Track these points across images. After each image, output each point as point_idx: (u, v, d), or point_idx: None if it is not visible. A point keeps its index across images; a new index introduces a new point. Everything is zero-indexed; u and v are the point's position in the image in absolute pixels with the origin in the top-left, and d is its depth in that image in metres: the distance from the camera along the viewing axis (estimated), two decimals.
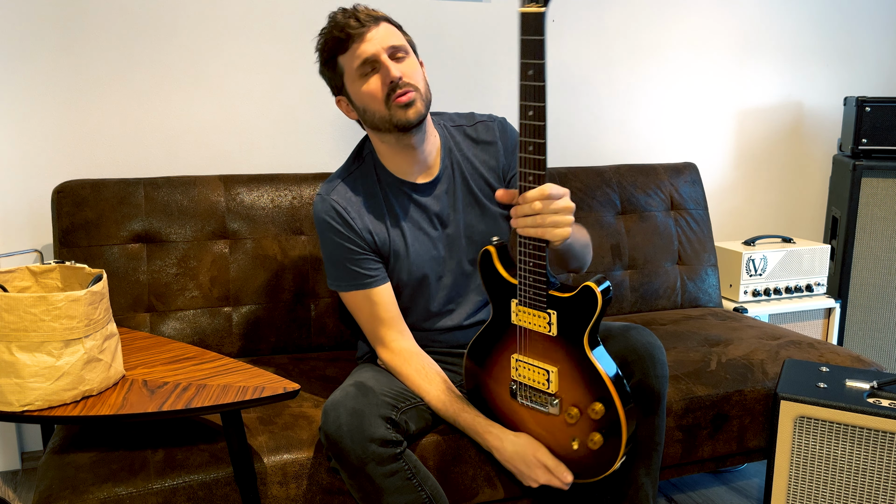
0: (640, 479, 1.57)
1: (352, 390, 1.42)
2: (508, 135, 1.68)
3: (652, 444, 1.57)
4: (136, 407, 1.27)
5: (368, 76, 1.50)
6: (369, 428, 1.36)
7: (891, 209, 2.61)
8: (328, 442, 1.37)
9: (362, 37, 1.48)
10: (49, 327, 1.23)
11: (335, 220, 1.55)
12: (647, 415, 1.54)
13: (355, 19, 1.49)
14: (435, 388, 1.53)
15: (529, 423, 1.49)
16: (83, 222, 1.85)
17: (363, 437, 1.35)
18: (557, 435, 1.46)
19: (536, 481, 1.48)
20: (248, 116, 2.19)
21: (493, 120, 1.68)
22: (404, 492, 1.39)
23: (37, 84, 1.99)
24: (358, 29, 1.49)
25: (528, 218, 1.33)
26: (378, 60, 1.48)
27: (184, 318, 1.90)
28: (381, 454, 1.36)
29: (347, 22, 1.49)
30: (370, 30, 1.49)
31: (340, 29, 1.49)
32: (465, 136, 1.66)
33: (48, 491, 1.32)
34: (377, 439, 1.35)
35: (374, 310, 1.58)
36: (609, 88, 2.59)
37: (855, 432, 1.59)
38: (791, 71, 2.84)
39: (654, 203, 2.40)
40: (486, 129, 1.66)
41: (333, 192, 1.58)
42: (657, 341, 1.55)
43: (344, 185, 1.59)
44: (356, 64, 1.50)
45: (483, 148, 1.65)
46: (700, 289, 2.41)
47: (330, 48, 1.53)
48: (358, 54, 1.49)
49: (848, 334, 2.68)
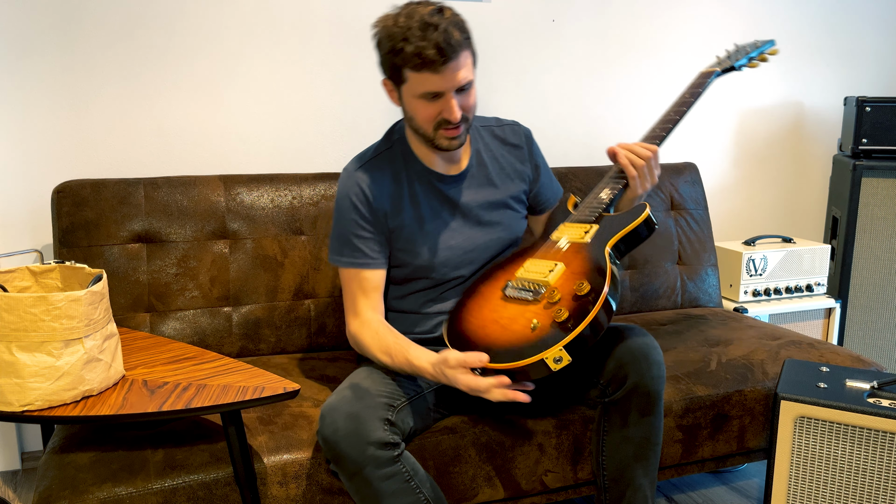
0: (638, 481, 1.57)
1: (348, 393, 1.42)
2: (533, 145, 1.75)
3: (649, 444, 1.56)
4: (136, 407, 1.27)
5: (429, 101, 1.49)
6: (367, 431, 1.35)
7: (891, 209, 2.61)
8: (326, 446, 1.37)
9: (440, 71, 1.44)
10: (49, 327, 1.23)
11: (357, 198, 1.58)
12: (645, 415, 1.53)
13: (439, 50, 1.41)
14: (382, 345, 1.53)
15: (491, 326, 1.44)
16: (83, 222, 1.85)
17: (360, 440, 1.35)
18: (520, 323, 1.41)
19: (467, 385, 1.37)
20: (249, 116, 2.19)
21: (519, 126, 1.75)
22: (403, 494, 1.39)
23: (37, 84, 1.99)
24: (438, 63, 1.43)
25: (639, 159, 1.57)
26: (443, 96, 1.48)
27: (184, 318, 1.90)
28: (380, 457, 1.36)
29: (432, 48, 1.41)
30: (450, 66, 1.44)
31: (419, 53, 1.42)
32: (494, 136, 1.72)
33: (48, 491, 1.32)
34: (375, 442, 1.35)
35: (362, 285, 1.60)
36: (609, 88, 2.59)
37: (855, 432, 1.59)
38: (791, 71, 2.84)
39: (654, 203, 2.40)
40: (514, 132, 1.73)
41: (360, 170, 1.61)
42: (653, 341, 1.54)
43: (371, 165, 1.62)
44: (422, 90, 1.48)
45: (510, 150, 1.72)
46: (700, 289, 2.41)
47: (402, 57, 1.45)
48: (428, 85, 1.46)
49: (848, 334, 2.68)
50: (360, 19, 2.25)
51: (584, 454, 1.68)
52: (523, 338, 1.38)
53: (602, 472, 1.60)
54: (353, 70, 2.27)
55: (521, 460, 1.63)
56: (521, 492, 1.65)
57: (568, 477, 1.69)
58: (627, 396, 1.52)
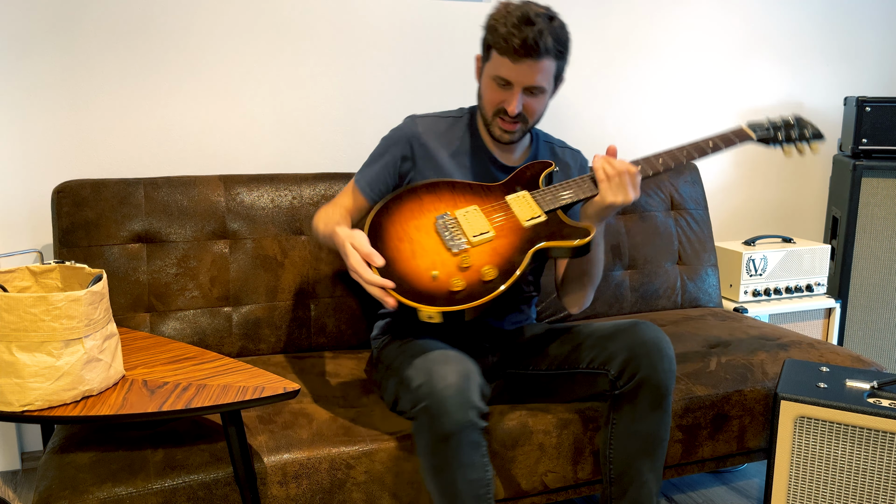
0: (644, 475, 1.58)
1: (453, 354, 1.43)
2: (585, 173, 1.78)
3: (657, 439, 1.57)
4: (136, 407, 1.27)
5: (499, 85, 1.57)
6: (472, 394, 1.37)
7: (891, 209, 2.61)
8: (431, 400, 1.36)
9: (517, 62, 1.52)
10: (49, 327, 1.23)
11: (412, 137, 1.68)
12: (654, 409, 1.54)
13: (524, 43, 1.50)
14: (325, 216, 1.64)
15: (405, 244, 1.53)
16: (83, 222, 1.85)
17: (466, 401, 1.36)
18: (426, 263, 1.50)
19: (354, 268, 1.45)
20: (249, 116, 2.19)
21: (580, 154, 1.82)
22: (478, 469, 1.41)
23: (37, 84, 1.99)
24: (519, 55, 1.51)
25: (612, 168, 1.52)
26: (511, 88, 1.56)
27: (184, 318, 1.90)
28: (475, 424, 1.38)
29: (519, 39, 1.50)
30: (528, 63, 1.52)
31: (506, 38, 1.51)
32: (553, 152, 1.78)
33: (48, 491, 1.32)
34: (475, 407, 1.37)
35: (348, 202, 1.69)
36: (609, 89, 2.59)
37: (855, 432, 1.59)
38: (791, 71, 2.84)
39: (654, 203, 2.40)
40: (573, 156, 1.80)
41: (426, 118, 1.72)
42: (666, 337, 1.56)
43: (437, 119, 1.72)
44: (496, 73, 1.56)
45: (561, 167, 1.78)
46: (700, 289, 2.41)
47: (493, 35, 1.54)
48: (503, 70, 1.54)
49: (848, 334, 2.68)
50: (361, 19, 2.25)
51: (584, 454, 1.68)
52: (419, 278, 1.48)
53: (609, 465, 1.60)
54: (353, 70, 2.27)
55: (521, 460, 1.63)
56: (521, 492, 1.65)
57: (568, 477, 1.69)
58: (638, 388, 1.53)
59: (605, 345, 1.57)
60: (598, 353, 1.58)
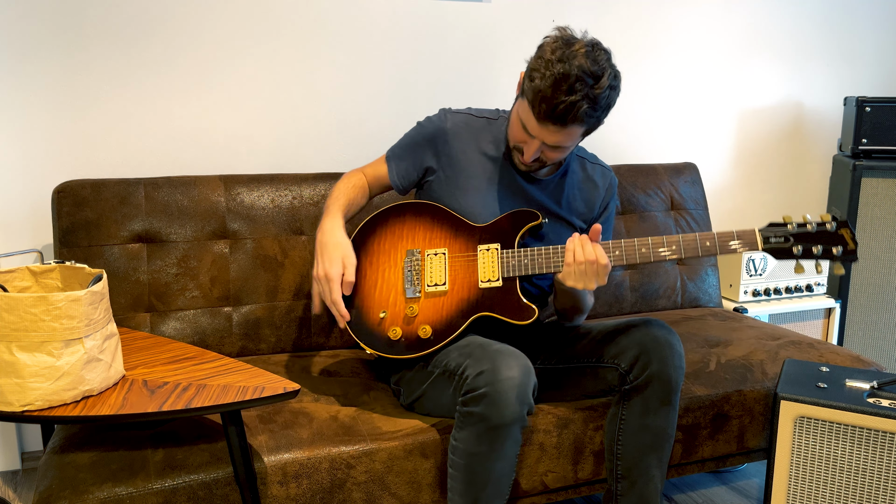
0: (651, 472, 1.59)
1: (514, 349, 1.45)
2: (613, 193, 1.77)
3: (665, 435, 1.58)
4: (136, 407, 1.27)
5: (522, 128, 1.54)
6: (530, 392, 1.40)
7: (891, 209, 2.61)
8: (493, 388, 1.36)
9: (542, 124, 1.49)
10: (49, 327, 1.23)
11: (438, 135, 1.69)
12: (664, 404, 1.55)
13: (553, 110, 1.45)
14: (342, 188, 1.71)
15: (373, 273, 1.63)
16: (83, 222, 1.85)
17: (524, 396, 1.38)
18: (381, 300, 1.60)
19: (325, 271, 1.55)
20: (249, 116, 2.19)
21: (610, 172, 1.79)
22: (510, 464, 1.45)
23: (37, 84, 1.99)
24: (544, 119, 1.47)
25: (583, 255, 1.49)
26: (532, 138, 1.53)
27: (184, 318, 1.91)
28: (524, 421, 1.41)
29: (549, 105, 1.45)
30: (552, 126, 1.48)
31: (536, 98, 1.46)
32: (583, 168, 1.76)
33: (48, 491, 1.32)
34: (528, 404, 1.40)
35: (375, 173, 1.76)
36: None
37: (855, 432, 1.60)
38: (791, 71, 2.84)
39: (654, 203, 2.40)
40: (602, 174, 1.77)
41: (458, 115, 1.72)
42: (676, 334, 1.58)
43: (470, 118, 1.72)
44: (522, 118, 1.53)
45: (591, 186, 1.75)
46: (700, 289, 2.41)
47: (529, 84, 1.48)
48: (527, 121, 1.51)
49: (848, 334, 2.68)
50: (361, 19, 2.25)
51: (584, 454, 1.68)
52: (370, 313, 1.60)
53: (616, 461, 1.61)
54: (354, 69, 2.27)
55: (521, 460, 1.63)
56: (521, 492, 1.65)
57: (568, 477, 1.69)
58: (648, 383, 1.54)
59: (617, 339, 1.59)
60: (610, 346, 1.59)
